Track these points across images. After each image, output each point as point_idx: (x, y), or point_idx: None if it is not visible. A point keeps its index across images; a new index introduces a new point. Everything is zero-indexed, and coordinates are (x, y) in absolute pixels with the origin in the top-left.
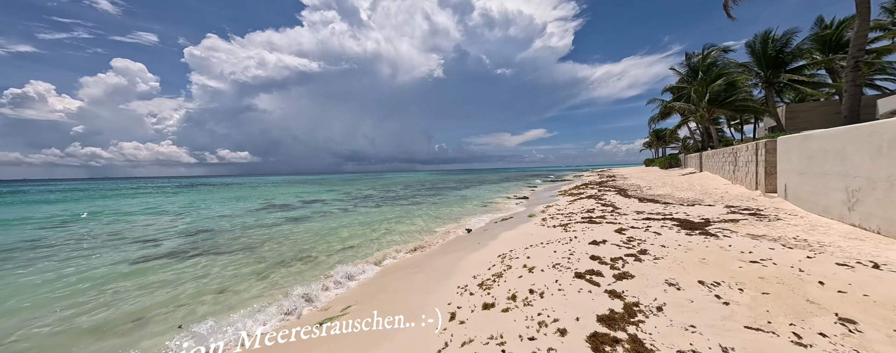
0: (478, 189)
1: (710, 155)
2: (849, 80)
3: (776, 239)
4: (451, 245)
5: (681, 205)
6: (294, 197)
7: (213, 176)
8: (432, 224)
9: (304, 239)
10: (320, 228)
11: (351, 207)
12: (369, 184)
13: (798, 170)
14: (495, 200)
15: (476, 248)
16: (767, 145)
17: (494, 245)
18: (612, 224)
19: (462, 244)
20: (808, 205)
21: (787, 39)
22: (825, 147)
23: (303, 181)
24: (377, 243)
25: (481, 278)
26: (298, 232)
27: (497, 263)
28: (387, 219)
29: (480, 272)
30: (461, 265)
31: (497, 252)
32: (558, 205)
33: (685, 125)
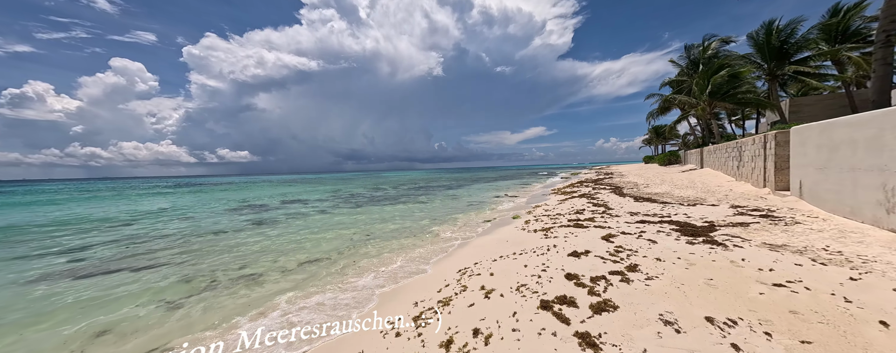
0: (470, 188)
1: (711, 150)
2: (878, 57)
3: (801, 251)
4: (415, 258)
5: (680, 205)
6: (277, 198)
7: (212, 176)
8: (408, 230)
9: (258, 251)
10: (285, 236)
11: (330, 208)
12: (362, 183)
13: (817, 165)
14: (484, 199)
15: (439, 259)
16: (778, 137)
17: (460, 255)
18: (600, 229)
19: (426, 254)
20: (831, 205)
21: (792, 29)
22: (854, 136)
23: (298, 180)
24: (339, 260)
25: (422, 306)
26: (256, 241)
27: (452, 282)
28: (362, 224)
29: (426, 298)
30: (408, 288)
31: (459, 265)
32: (547, 205)
33: (685, 120)
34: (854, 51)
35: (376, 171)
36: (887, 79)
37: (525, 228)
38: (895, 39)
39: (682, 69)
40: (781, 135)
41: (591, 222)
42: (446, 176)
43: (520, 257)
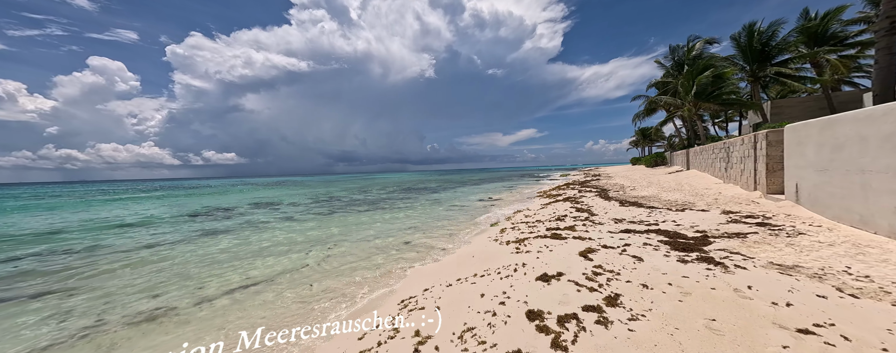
0: (456, 191)
1: (697, 152)
2: (882, 46)
3: (820, 275)
4: (355, 283)
5: (668, 210)
6: (250, 202)
7: (197, 178)
8: (372, 243)
9: (185, 271)
10: (232, 250)
11: (300, 215)
12: (347, 186)
13: (817, 166)
14: (467, 203)
15: (385, 284)
16: (769, 137)
17: (411, 279)
18: (579, 241)
19: (376, 279)
20: (835, 212)
21: (772, 32)
22: (863, 133)
23: (283, 183)
24: (270, 288)
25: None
26: (189, 258)
27: (383, 324)
28: (324, 237)
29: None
30: (317, 341)
31: (405, 295)
32: (528, 210)
33: (670, 122)
34: (832, 54)
35: (367, 173)
36: (891, 70)
37: (498, 238)
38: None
39: (668, 70)
40: (773, 134)
41: (571, 232)
42: (436, 178)
43: (480, 281)
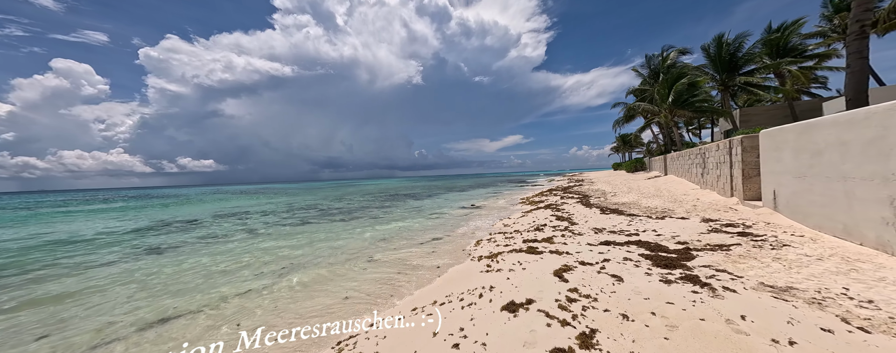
0: (439, 198)
1: (674, 157)
2: (852, 50)
3: (818, 299)
4: (300, 315)
5: (649, 217)
6: (216, 212)
7: (170, 186)
8: (339, 257)
9: (97, 304)
10: (166, 272)
11: (265, 227)
12: (329, 193)
13: (795, 172)
14: (447, 211)
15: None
16: (744, 142)
17: (359, 307)
18: (556, 256)
19: (315, 314)
20: (817, 221)
21: (739, 43)
22: (845, 138)
23: (262, 191)
24: (205, 319)
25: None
26: (109, 285)
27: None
28: (281, 256)
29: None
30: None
31: (345, 333)
32: (509, 219)
33: (648, 128)
34: (793, 65)
35: (354, 179)
36: (864, 74)
37: (472, 253)
38: (870, 30)
39: (645, 78)
40: (748, 139)
41: (549, 245)
42: (422, 184)
43: (438, 311)
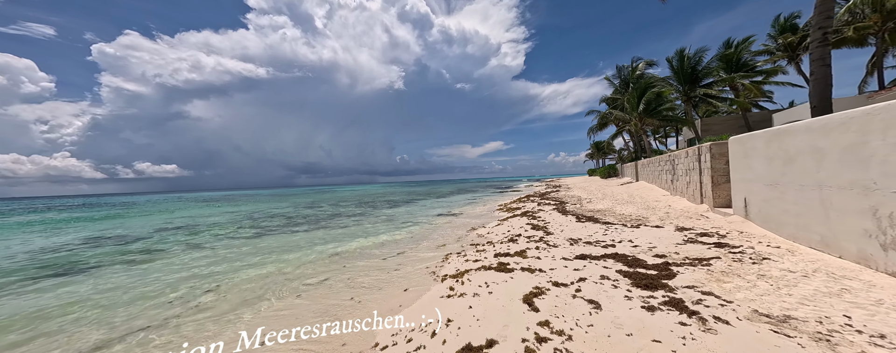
0: (417, 205)
1: (645, 164)
2: (816, 58)
3: (825, 335)
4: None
5: (624, 226)
6: (164, 223)
7: (124, 194)
8: (282, 277)
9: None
10: (52, 306)
11: (216, 239)
12: (300, 200)
13: (766, 180)
14: (422, 220)
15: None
16: (713, 149)
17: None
18: (527, 274)
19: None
20: (790, 231)
21: (699, 57)
22: (819, 145)
23: (226, 198)
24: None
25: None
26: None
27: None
28: (224, 269)
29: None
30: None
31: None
32: (483, 228)
33: (620, 136)
34: (745, 79)
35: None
36: (827, 81)
37: (435, 271)
38: (832, 37)
39: (616, 88)
40: (717, 146)
41: (521, 259)
42: (402, 190)
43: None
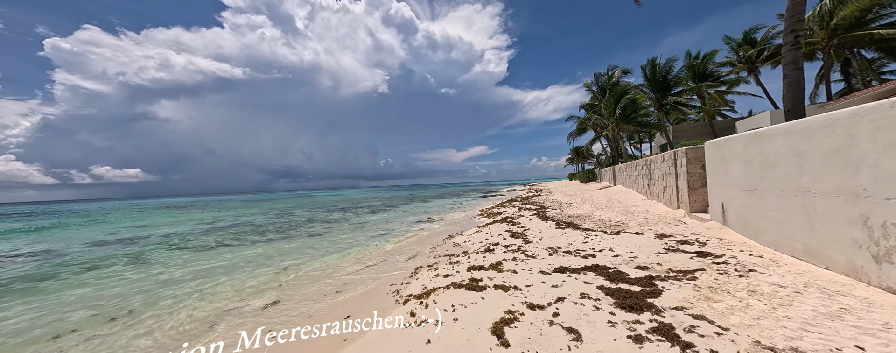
0: (397, 210)
1: (622, 168)
2: (788, 61)
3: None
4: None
5: (603, 232)
6: (108, 234)
7: (78, 201)
8: (214, 303)
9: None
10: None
11: (164, 251)
12: (273, 206)
13: (744, 185)
14: (397, 228)
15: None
16: (689, 154)
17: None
18: (501, 293)
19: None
20: (771, 238)
21: (669, 67)
22: (801, 148)
23: (194, 204)
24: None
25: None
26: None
27: None
28: (147, 297)
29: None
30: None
31: None
32: (461, 236)
33: (598, 141)
34: (711, 88)
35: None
36: (800, 84)
37: (399, 291)
38: (804, 40)
39: (594, 94)
40: (692, 151)
41: (496, 274)
42: (383, 195)
43: None
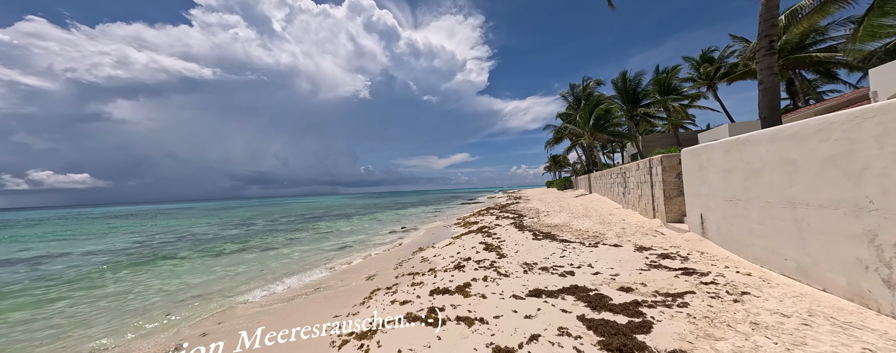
0: (371, 219)
1: (597, 176)
2: (763, 67)
3: None
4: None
5: (581, 244)
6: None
7: (9, 209)
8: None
9: None
10: None
11: (55, 283)
12: (234, 215)
13: (725, 195)
14: (366, 239)
15: None
16: (664, 162)
17: None
18: (464, 328)
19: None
20: (755, 253)
21: (638, 80)
22: (789, 156)
23: (143, 213)
24: None
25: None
26: None
27: None
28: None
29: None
30: None
31: None
32: (431, 248)
33: (574, 149)
34: (676, 102)
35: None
36: (775, 90)
37: (342, 326)
38: (777, 45)
39: (570, 104)
40: (668, 159)
41: (463, 299)
42: (359, 202)
43: None
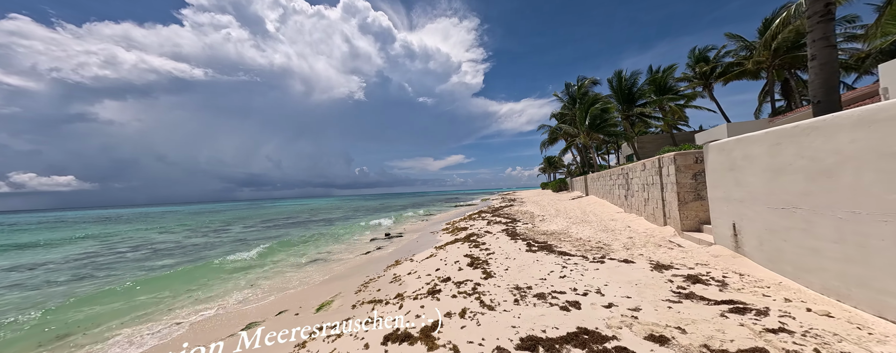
0: (357, 223)
1: (595, 178)
2: (818, 37)
3: None
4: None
5: (584, 258)
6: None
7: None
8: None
9: None
10: None
11: (25, 282)
12: (215, 219)
13: (772, 202)
14: (347, 245)
15: None
16: (677, 161)
17: None
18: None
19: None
20: (826, 283)
21: (634, 80)
22: (890, 148)
23: (120, 217)
24: None
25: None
26: None
27: None
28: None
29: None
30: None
31: None
32: (411, 261)
33: (569, 150)
34: (672, 101)
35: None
36: (834, 67)
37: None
38: (835, 9)
39: (565, 103)
40: (682, 157)
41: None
42: (350, 204)
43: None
